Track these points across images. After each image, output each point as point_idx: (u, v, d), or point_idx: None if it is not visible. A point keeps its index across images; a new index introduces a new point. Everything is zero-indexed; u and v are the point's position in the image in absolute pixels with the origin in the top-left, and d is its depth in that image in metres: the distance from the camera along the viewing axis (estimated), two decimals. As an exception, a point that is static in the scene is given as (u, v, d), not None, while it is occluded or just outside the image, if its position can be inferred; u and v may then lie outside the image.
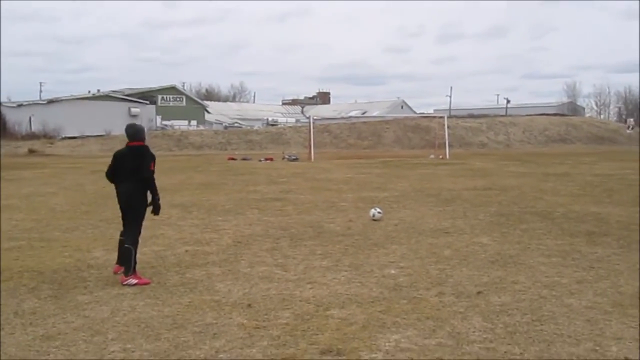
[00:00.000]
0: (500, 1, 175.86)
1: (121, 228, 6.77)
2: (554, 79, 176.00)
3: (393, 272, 6.72)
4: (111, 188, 6.96)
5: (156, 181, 6.69)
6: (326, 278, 6.45)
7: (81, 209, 12.22)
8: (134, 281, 6.20)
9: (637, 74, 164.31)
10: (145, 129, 7.52)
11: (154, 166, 6.67)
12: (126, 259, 6.32)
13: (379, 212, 10.62)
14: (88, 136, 47.18)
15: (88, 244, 8.44)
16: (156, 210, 6.69)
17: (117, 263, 6.73)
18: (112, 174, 6.73)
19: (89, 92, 62.84)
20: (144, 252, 7.80)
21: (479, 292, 5.86)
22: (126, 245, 6.35)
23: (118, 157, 6.71)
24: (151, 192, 6.61)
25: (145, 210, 6.65)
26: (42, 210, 12.04)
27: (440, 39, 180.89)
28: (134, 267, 6.30)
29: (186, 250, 7.97)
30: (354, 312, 5.26)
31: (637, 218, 10.68)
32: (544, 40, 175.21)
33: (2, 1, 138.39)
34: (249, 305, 5.47)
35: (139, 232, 6.61)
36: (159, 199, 6.67)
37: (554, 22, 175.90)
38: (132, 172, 6.50)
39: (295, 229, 9.67)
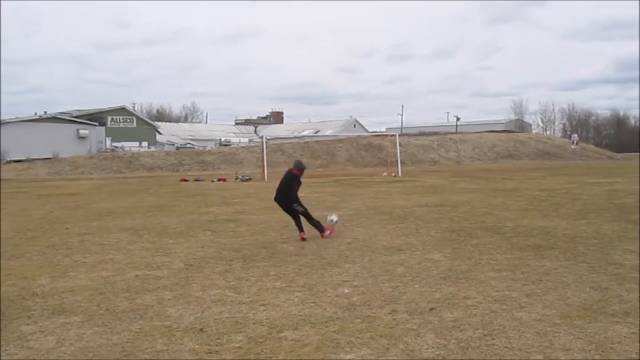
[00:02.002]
0: (447, 22, 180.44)
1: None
2: (501, 97, 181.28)
3: (347, 291, 6.71)
4: (59, 213, 6.73)
5: (105, 204, 6.52)
6: (279, 299, 6.39)
7: (27, 235, 11.80)
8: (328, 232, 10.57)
9: (579, 92, 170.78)
10: (94, 151, 7.46)
11: None
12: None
13: (335, 219, 10.91)
14: (35, 159, 45.90)
15: (33, 272, 8.13)
16: None
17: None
18: None
19: (36, 114, 61.22)
20: (91, 278, 7.61)
21: (431, 309, 5.91)
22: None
23: None
24: None
25: None
26: (-16, 237, 11.59)
27: (390, 58, 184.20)
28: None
29: (136, 275, 7.78)
30: (307, 333, 5.22)
31: (582, 231, 11.01)
32: (491, 60, 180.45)
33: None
34: (201, 329, 5.36)
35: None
36: None
37: (499, 42, 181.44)
38: None
39: (248, 250, 9.58)
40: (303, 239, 10.39)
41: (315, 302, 6.27)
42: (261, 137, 48.92)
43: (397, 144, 39.46)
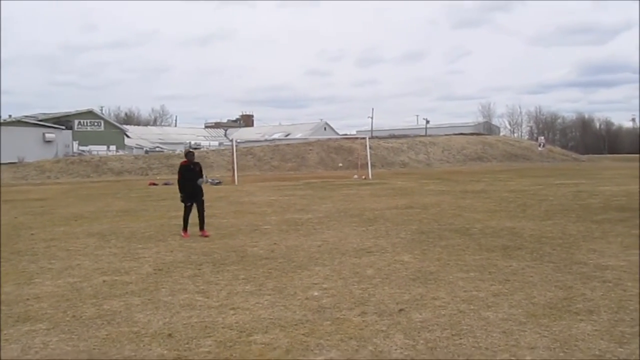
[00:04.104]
0: (416, 26, 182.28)
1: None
2: (469, 100, 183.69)
3: (316, 293, 6.72)
4: (25, 218, 6.61)
5: (72, 209, 6.41)
6: (249, 303, 6.37)
7: (-10, 241, 11.54)
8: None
9: (545, 95, 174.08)
10: (61, 155, 7.43)
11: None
12: None
13: None
14: (-1, 164, 44.86)
15: (-3, 278, 7.96)
16: None
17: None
18: None
19: (0, 117, 59.94)
20: (57, 285, 7.48)
21: (400, 310, 5.95)
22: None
23: None
24: None
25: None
26: (-54, 244, 11.30)
27: (360, 62, 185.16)
28: None
29: (104, 281, 7.67)
30: (277, 336, 5.21)
31: (548, 231, 11.22)
32: (459, 64, 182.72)
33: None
34: (170, 335, 5.31)
35: None
36: None
37: (467, 46, 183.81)
38: None
39: (218, 254, 9.52)
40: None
41: (285, 305, 6.26)
42: (231, 141, 48.70)
43: (367, 147, 39.63)
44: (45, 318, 5.97)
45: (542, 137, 71.90)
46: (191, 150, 12.49)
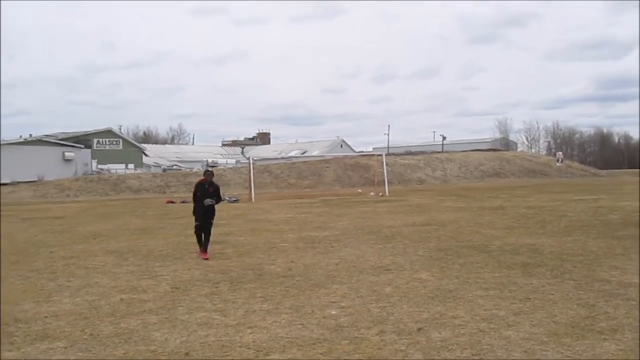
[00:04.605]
0: (429, 42, 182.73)
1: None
2: (485, 116, 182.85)
3: (334, 312, 6.67)
4: (44, 236, 6.66)
5: (91, 227, 6.45)
6: (266, 322, 6.33)
7: (10, 259, 11.63)
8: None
9: (561, 110, 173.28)
10: (80, 173, 7.57)
11: None
12: None
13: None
14: (20, 182, 45.48)
15: (16, 297, 8.00)
16: None
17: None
18: None
19: (21, 136, 60.82)
20: (75, 303, 7.51)
21: (419, 329, 5.88)
22: None
23: None
24: None
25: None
26: (-34, 262, 11.41)
27: (374, 79, 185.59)
28: None
29: (121, 299, 7.68)
30: (294, 355, 5.16)
31: (568, 248, 11.06)
32: (473, 80, 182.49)
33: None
34: (187, 354, 5.29)
35: None
36: None
37: (481, 62, 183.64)
38: None
39: (235, 272, 9.50)
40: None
41: (303, 324, 6.21)
42: (248, 159, 48.90)
43: (384, 164, 39.57)
44: (63, 336, 5.98)
45: (560, 153, 71.30)
46: (209, 169, 12.42)
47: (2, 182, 45.01)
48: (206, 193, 11.15)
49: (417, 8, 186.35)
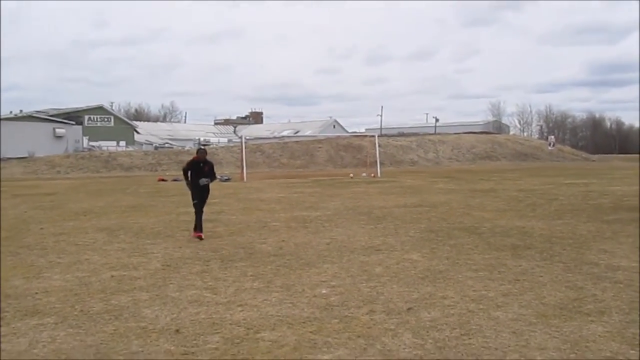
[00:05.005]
0: (424, 25, 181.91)
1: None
2: (478, 99, 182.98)
3: (324, 291, 6.69)
4: (34, 213, 6.63)
5: (81, 204, 6.41)
6: (257, 300, 6.35)
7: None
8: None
9: (554, 94, 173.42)
10: (71, 150, 7.55)
11: None
12: None
13: None
14: (10, 158, 45.19)
15: (6, 272, 7.96)
16: None
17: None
18: None
19: (11, 112, 60.30)
20: (66, 279, 7.50)
21: (409, 309, 5.91)
22: None
23: None
24: None
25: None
26: (-44, 237, 11.35)
27: (369, 60, 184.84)
28: None
29: (112, 276, 7.67)
30: (285, 333, 5.18)
31: (558, 231, 11.13)
32: (468, 63, 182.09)
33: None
34: (177, 330, 5.30)
35: None
36: None
37: (476, 45, 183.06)
38: None
39: (226, 250, 9.51)
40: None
41: (293, 302, 6.24)
42: (240, 137, 48.72)
43: (376, 145, 39.55)
44: (53, 312, 5.98)
45: (552, 137, 71.49)
46: (202, 147, 12.26)
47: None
48: (201, 171, 10.90)
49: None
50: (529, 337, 5.02)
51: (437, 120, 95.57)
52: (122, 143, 63.10)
